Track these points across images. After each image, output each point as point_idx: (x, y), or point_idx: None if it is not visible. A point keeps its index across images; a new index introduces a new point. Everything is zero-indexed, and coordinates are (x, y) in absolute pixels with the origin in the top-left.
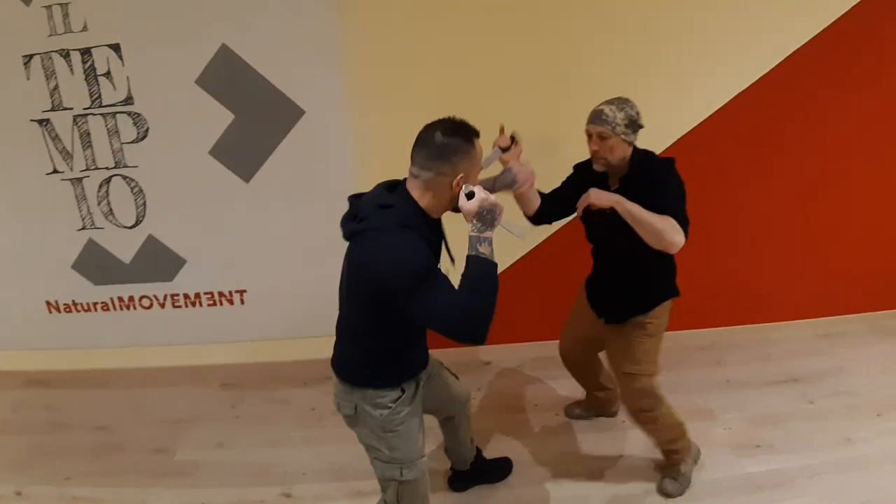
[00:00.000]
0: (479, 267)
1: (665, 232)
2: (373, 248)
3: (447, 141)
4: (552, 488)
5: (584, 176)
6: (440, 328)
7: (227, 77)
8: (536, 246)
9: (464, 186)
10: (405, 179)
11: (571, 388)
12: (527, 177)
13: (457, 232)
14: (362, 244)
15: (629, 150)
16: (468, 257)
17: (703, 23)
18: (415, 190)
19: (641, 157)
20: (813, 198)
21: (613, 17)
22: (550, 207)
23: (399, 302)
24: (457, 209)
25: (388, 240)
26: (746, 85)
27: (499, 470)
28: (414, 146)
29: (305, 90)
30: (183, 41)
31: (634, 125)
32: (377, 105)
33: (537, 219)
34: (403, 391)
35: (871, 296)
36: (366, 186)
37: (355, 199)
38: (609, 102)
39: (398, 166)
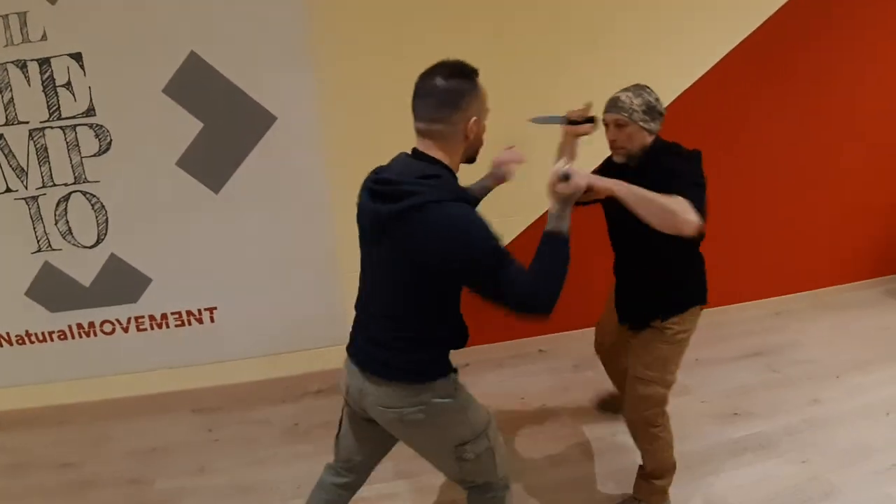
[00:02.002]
0: (561, 244)
1: (675, 211)
2: (445, 226)
3: (450, 84)
4: (538, 486)
5: (607, 169)
6: (517, 303)
7: (196, 85)
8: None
9: (562, 167)
10: (414, 149)
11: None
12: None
13: None
14: (428, 221)
15: (649, 139)
16: (550, 233)
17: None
18: (431, 149)
19: (662, 146)
20: (758, 189)
21: (580, 25)
22: None
23: (476, 279)
24: (470, 160)
25: (457, 214)
26: (692, 81)
27: None
28: (414, 99)
29: (277, 96)
30: (150, 49)
31: (653, 112)
32: (349, 110)
33: None
34: (456, 369)
35: (812, 275)
36: (338, 193)
37: (386, 178)
38: (626, 89)
39: (370, 169)
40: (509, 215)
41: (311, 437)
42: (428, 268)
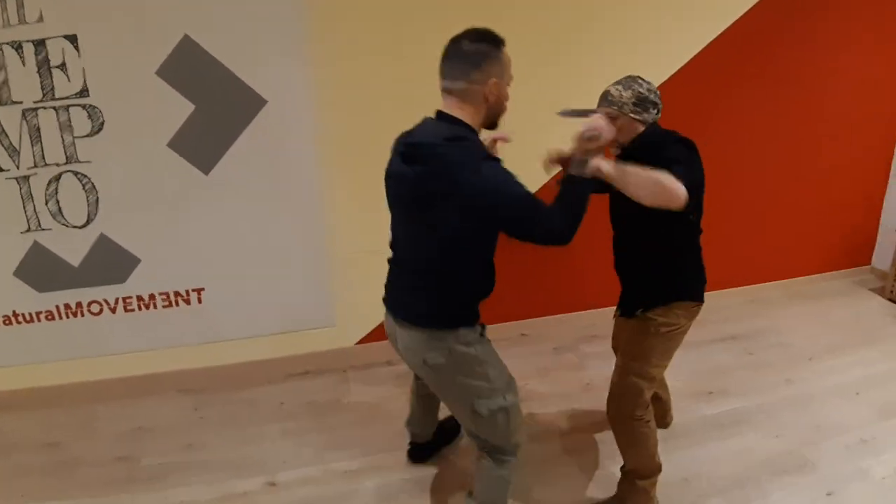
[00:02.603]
0: (581, 187)
1: (663, 181)
2: (479, 183)
3: (475, 47)
4: (521, 460)
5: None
6: (545, 237)
7: (189, 67)
8: None
9: (592, 125)
10: (438, 111)
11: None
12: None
13: None
14: (463, 182)
15: (642, 129)
16: (571, 177)
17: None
18: (454, 109)
19: (654, 132)
20: (734, 182)
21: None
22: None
23: (513, 227)
24: (491, 126)
25: (487, 171)
26: (668, 76)
27: (453, 426)
28: (442, 61)
29: (267, 79)
30: (144, 32)
31: (645, 102)
32: (340, 94)
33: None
34: (483, 324)
35: (787, 265)
36: (327, 176)
37: (412, 143)
38: (617, 83)
39: (360, 155)
40: None
41: (295, 415)
42: (461, 221)
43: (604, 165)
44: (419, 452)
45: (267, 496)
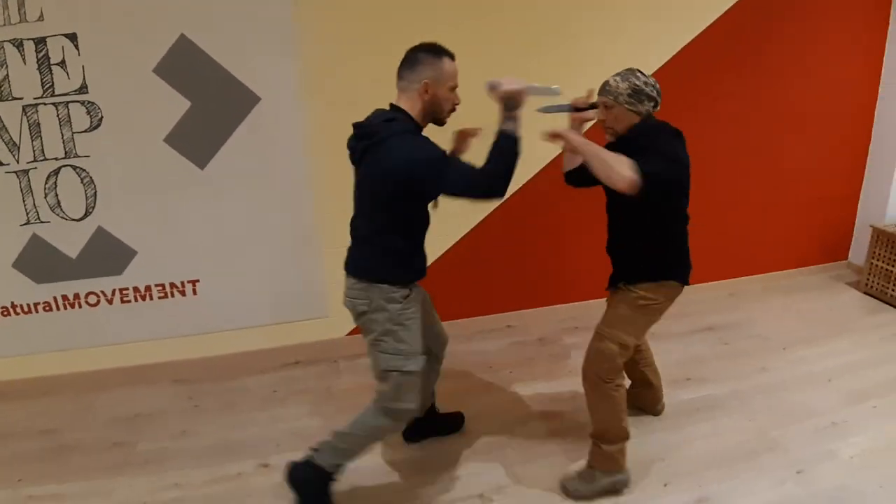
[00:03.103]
0: (503, 138)
1: (612, 166)
2: (396, 151)
3: (416, 55)
4: (506, 440)
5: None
6: (471, 188)
7: (185, 66)
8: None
9: (491, 82)
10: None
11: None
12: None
13: None
14: (384, 151)
15: (637, 120)
16: (497, 132)
17: None
18: (399, 101)
19: (645, 124)
20: (715, 180)
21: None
22: (579, 173)
23: (432, 187)
24: (437, 122)
25: (403, 141)
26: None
27: (451, 423)
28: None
29: (261, 77)
30: (142, 31)
31: (639, 94)
32: (329, 91)
33: (569, 177)
34: (411, 290)
35: (764, 260)
36: (317, 170)
37: (359, 124)
38: (617, 74)
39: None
40: None
41: (288, 402)
42: (395, 186)
43: (571, 137)
44: (412, 430)
45: (260, 477)
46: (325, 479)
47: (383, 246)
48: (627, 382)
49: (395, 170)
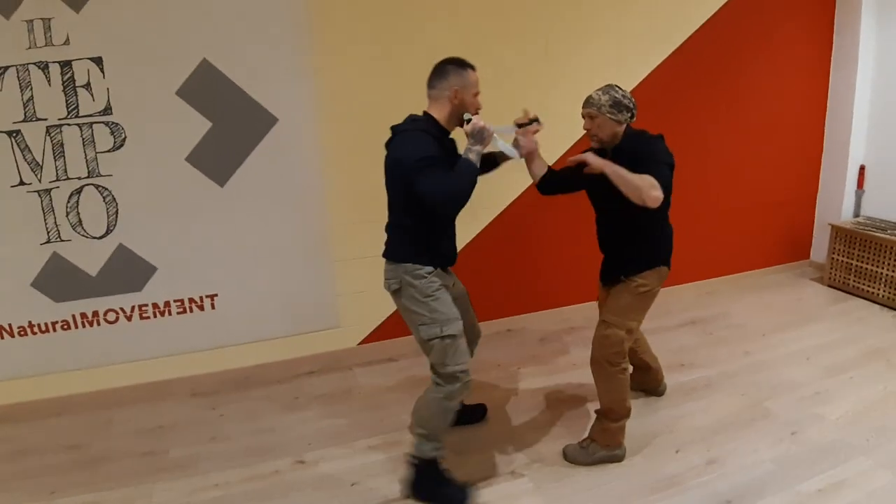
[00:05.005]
0: (465, 164)
1: (642, 188)
2: (399, 144)
3: (443, 66)
4: (525, 426)
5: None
6: (429, 198)
7: (207, 88)
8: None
9: (465, 115)
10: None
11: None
12: (529, 146)
13: None
14: (394, 144)
15: (619, 129)
16: (459, 157)
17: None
18: (431, 109)
19: (632, 133)
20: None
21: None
22: (553, 179)
23: (410, 179)
24: (460, 123)
25: (406, 138)
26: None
27: (476, 413)
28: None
29: (279, 99)
30: (166, 56)
31: (619, 105)
32: (344, 113)
33: (541, 186)
34: (434, 267)
35: (736, 261)
36: (332, 188)
37: (394, 126)
38: (598, 89)
39: (361, 169)
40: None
41: (312, 405)
42: (399, 177)
43: (606, 167)
44: None
45: (297, 473)
46: (434, 465)
47: (403, 228)
48: (630, 368)
49: (393, 163)
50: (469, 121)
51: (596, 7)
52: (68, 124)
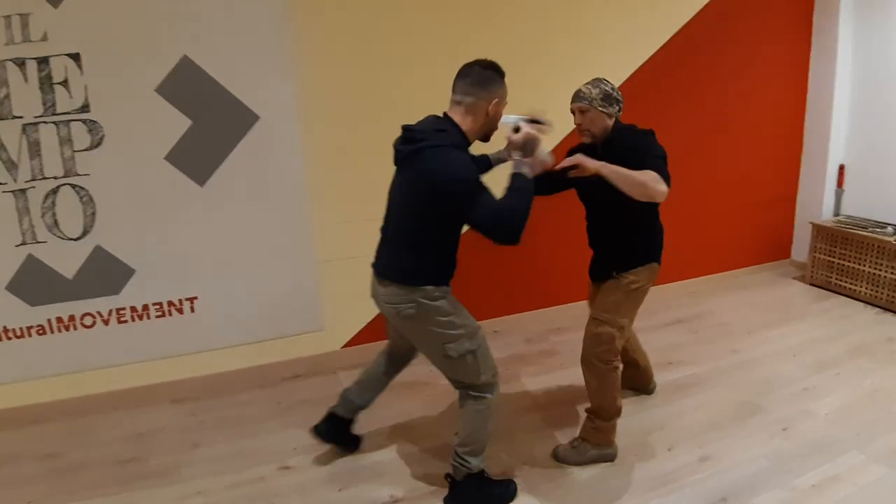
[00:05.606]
0: (523, 184)
1: (647, 183)
2: (437, 161)
3: (486, 72)
4: (514, 428)
5: (580, 151)
6: (487, 226)
7: (187, 85)
8: None
9: (506, 119)
10: (444, 112)
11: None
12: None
13: None
14: (426, 158)
15: (610, 122)
16: (513, 175)
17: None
18: (457, 115)
19: (622, 127)
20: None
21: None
22: (547, 181)
23: (456, 205)
24: (485, 138)
25: (447, 154)
26: None
27: (352, 441)
28: (456, 78)
29: (260, 97)
30: (145, 52)
31: (610, 98)
32: (326, 111)
33: (542, 188)
34: (449, 286)
35: (718, 261)
36: (315, 187)
37: (410, 127)
38: (587, 83)
39: (344, 169)
40: None
41: (295, 411)
42: (429, 195)
43: (603, 169)
44: (327, 424)
45: (283, 478)
46: (482, 474)
47: (422, 250)
48: (621, 366)
49: (435, 181)
50: (518, 129)
51: (577, 7)
52: (45, 122)
